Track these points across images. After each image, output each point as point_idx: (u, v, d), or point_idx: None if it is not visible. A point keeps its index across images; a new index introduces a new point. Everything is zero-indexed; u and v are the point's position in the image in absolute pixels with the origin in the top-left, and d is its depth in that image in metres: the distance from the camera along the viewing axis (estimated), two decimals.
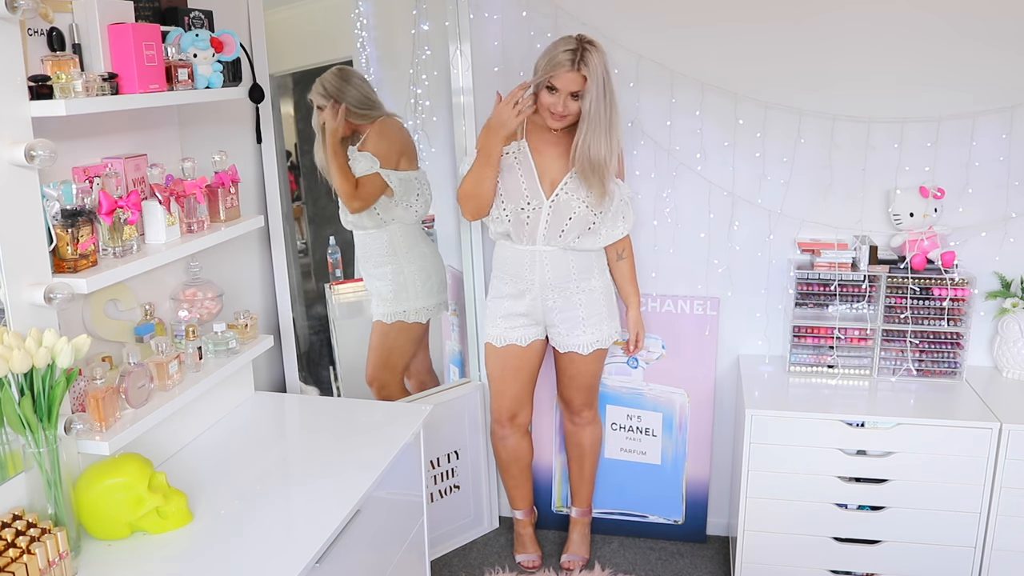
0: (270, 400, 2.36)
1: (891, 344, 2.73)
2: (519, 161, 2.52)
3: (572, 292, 2.59)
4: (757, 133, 2.74)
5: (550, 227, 2.50)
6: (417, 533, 2.23)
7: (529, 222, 2.50)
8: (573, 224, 2.49)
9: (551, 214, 2.49)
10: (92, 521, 1.62)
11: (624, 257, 2.69)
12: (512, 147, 2.53)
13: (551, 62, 2.35)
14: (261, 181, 2.55)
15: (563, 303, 2.60)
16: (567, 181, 2.49)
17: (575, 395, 2.81)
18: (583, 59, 2.32)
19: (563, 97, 2.37)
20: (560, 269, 2.56)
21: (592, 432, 2.91)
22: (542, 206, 2.49)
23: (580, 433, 2.90)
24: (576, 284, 2.58)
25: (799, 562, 2.62)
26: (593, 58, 2.33)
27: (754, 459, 2.55)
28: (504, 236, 2.59)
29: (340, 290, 2.94)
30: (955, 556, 2.52)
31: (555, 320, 2.64)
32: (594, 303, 2.63)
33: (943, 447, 2.46)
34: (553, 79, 2.35)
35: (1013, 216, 2.68)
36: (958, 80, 2.62)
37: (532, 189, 2.49)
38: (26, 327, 1.52)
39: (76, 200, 1.60)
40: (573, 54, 2.32)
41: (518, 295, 2.61)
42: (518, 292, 2.61)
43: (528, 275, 2.57)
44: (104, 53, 1.69)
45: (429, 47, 2.84)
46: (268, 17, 2.44)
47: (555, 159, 2.51)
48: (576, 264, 2.57)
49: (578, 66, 2.32)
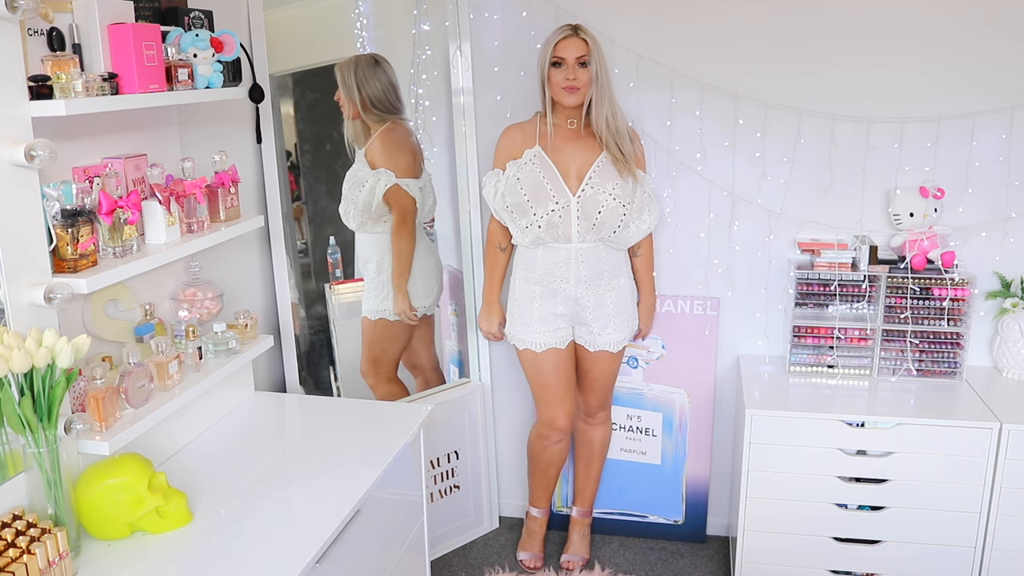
0: (270, 400, 2.36)
1: (891, 344, 2.73)
2: (538, 165, 2.53)
3: (604, 289, 2.62)
4: (757, 133, 2.74)
5: (582, 223, 2.52)
6: (417, 533, 2.23)
7: (561, 222, 2.51)
8: (604, 217, 2.51)
9: (581, 210, 2.51)
10: (92, 521, 1.62)
11: (639, 254, 2.73)
12: (527, 154, 2.55)
13: (551, 40, 2.45)
14: (261, 181, 2.55)
15: (595, 300, 2.62)
16: (592, 175, 2.51)
17: (595, 395, 2.82)
18: (580, 28, 2.46)
19: (571, 66, 2.42)
20: (594, 265, 2.58)
21: (604, 431, 2.92)
22: (570, 204, 2.50)
23: (592, 432, 2.91)
24: (608, 281, 2.62)
25: (799, 562, 2.62)
26: (588, 31, 2.46)
27: (754, 459, 2.55)
28: (536, 244, 2.59)
29: (340, 290, 2.94)
30: (955, 556, 2.51)
31: (588, 318, 2.64)
32: (623, 300, 2.67)
33: (943, 447, 2.46)
34: (558, 50, 2.43)
35: (1013, 216, 2.68)
36: (958, 80, 2.62)
37: (557, 188, 2.51)
38: (26, 327, 1.52)
39: (76, 200, 1.60)
40: (571, 27, 2.46)
41: (551, 295, 2.61)
42: (551, 292, 2.61)
43: (563, 273, 2.58)
44: (104, 53, 1.69)
45: (429, 47, 2.84)
46: (268, 17, 2.44)
47: (575, 154, 2.53)
48: (608, 260, 2.61)
49: (577, 32, 2.45)
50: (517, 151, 2.57)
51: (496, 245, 2.72)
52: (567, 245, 2.55)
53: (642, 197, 2.57)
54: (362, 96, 2.69)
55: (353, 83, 2.68)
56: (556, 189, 2.51)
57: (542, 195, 2.51)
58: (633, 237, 2.60)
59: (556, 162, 2.52)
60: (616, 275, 2.64)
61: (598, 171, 2.51)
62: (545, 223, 2.51)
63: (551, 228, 2.52)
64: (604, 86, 2.46)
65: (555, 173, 2.52)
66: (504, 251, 2.72)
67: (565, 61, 2.43)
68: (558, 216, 2.51)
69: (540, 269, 2.61)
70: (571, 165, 2.53)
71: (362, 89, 2.68)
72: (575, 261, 2.57)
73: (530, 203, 2.52)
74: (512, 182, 2.54)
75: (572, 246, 2.55)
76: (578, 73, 2.43)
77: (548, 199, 2.51)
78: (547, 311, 2.64)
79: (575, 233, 2.53)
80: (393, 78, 2.75)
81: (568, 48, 2.43)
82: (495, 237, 2.71)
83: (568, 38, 2.43)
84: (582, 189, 2.51)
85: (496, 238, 2.71)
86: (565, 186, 2.51)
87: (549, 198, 2.50)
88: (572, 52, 2.43)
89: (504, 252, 2.72)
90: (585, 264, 2.58)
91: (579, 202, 2.51)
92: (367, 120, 2.73)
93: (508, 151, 2.59)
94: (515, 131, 2.60)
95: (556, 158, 2.53)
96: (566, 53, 2.43)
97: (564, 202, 2.51)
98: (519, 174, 2.53)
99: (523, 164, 2.53)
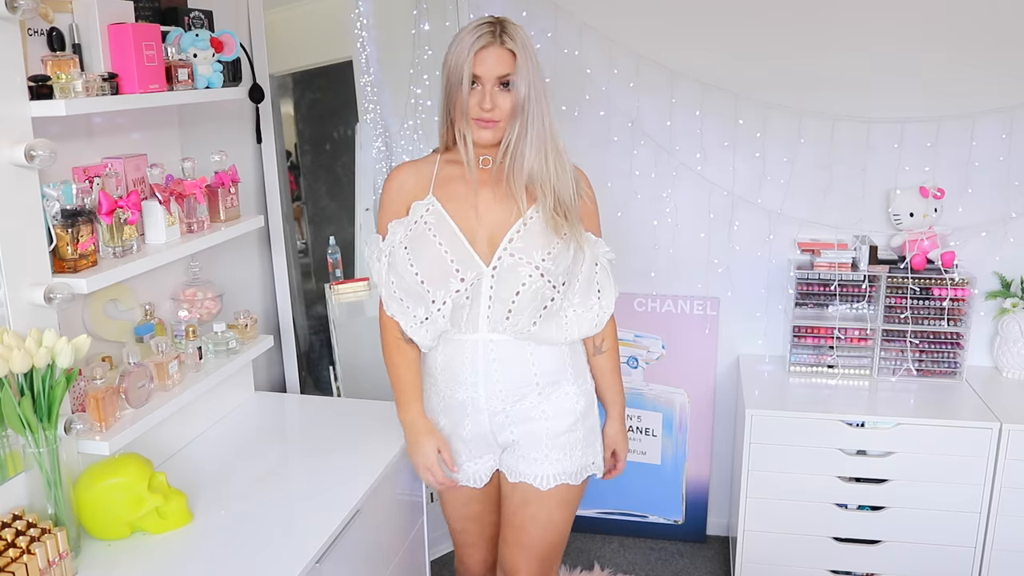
0: (270, 400, 2.36)
1: (891, 344, 2.73)
2: (433, 227, 1.73)
3: (533, 402, 1.82)
4: (757, 133, 2.74)
5: (495, 304, 1.73)
6: (417, 533, 2.23)
7: (468, 304, 1.74)
8: (524, 298, 1.72)
9: (495, 286, 1.72)
10: (92, 521, 1.62)
11: (604, 350, 1.91)
12: (416, 209, 1.76)
13: (465, 47, 1.66)
14: (261, 181, 2.55)
15: (519, 415, 1.82)
16: (513, 237, 1.72)
17: (520, 560, 1.91)
18: (505, 31, 1.67)
19: (489, 87, 1.66)
20: (515, 368, 1.78)
21: None
22: (482, 276, 1.72)
23: None
24: (539, 391, 1.81)
25: (799, 562, 2.62)
26: (518, 32, 1.69)
27: (754, 459, 2.55)
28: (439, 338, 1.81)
29: (340, 290, 2.93)
30: (955, 556, 2.52)
31: (509, 436, 1.85)
32: (568, 413, 1.84)
33: (943, 447, 2.46)
34: (475, 65, 1.66)
35: (1013, 216, 2.68)
36: (958, 80, 2.62)
37: (463, 258, 1.72)
38: (26, 327, 1.52)
39: (76, 200, 1.60)
40: (492, 26, 1.67)
41: (456, 409, 1.85)
42: (458, 403, 1.83)
43: (470, 378, 1.79)
44: (104, 53, 1.69)
45: (429, 47, 2.84)
46: (268, 17, 2.44)
47: (490, 207, 1.74)
48: (539, 362, 1.80)
49: (501, 38, 1.66)
50: (405, 204, 1.78)
51: (396, 336, 1.84)
52: (473, 336, 1.77)
53: (591, 272, 1.81)
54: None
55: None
56: (461, 259, 1.72)
57: (441, 272, 1.72)
58: (570, 331, 1.80)
59: (459, 218, 1.74)
60: (555, 383, 1.82)
61: (524, 232, 1.72)
62: (450, 310, 1.74)
63: (456, 312, 1.75)
64: (536, 116, 1.68)
65: (458, 237, 1.72)
66: (410, 342, 1.84)
67: (481, 80, 1.67)
68: (464, 296, 1.72)
69: (439, 372, 1.84)
70: (482, 223, 1.74)
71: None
72: (484, 360, 1.78)
73: (426, 285, 1.73)
74: (399, 254, 1.75)
75: (479, 337, 1.76)
76: (497, 100, 1.66)
77: (449, 275, 1.71)
78: (452, 431, 1.88)
79: (484, 318, 1.74)
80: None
81: (486, 61, 1.65)
82: (390, 325, 1.84)
83: (488, 47, 1.65)
84: (498, 257, 1.72)
85: (392, 326, 1.84)
86: (474, 253, 1.72)
87: (451, 274, 1.71)
88: (492, 68, 1.66)
89: (411, 343, 1.84)
90: (500, 366, 1.78)
91: (495, 274, 1.72)
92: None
93: (393, 205, 1.80)
94: (406, 173, 1.81)
95: (459, 212, 1.74)
96: (483, 69, 1.66)
97: (474, 275, 1.72)
98: (407, 241, 1.75)
99: (412, 224, 1.75)
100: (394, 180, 1.80)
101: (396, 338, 1.84)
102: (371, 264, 1.82)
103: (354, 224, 2.90)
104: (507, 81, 1.67)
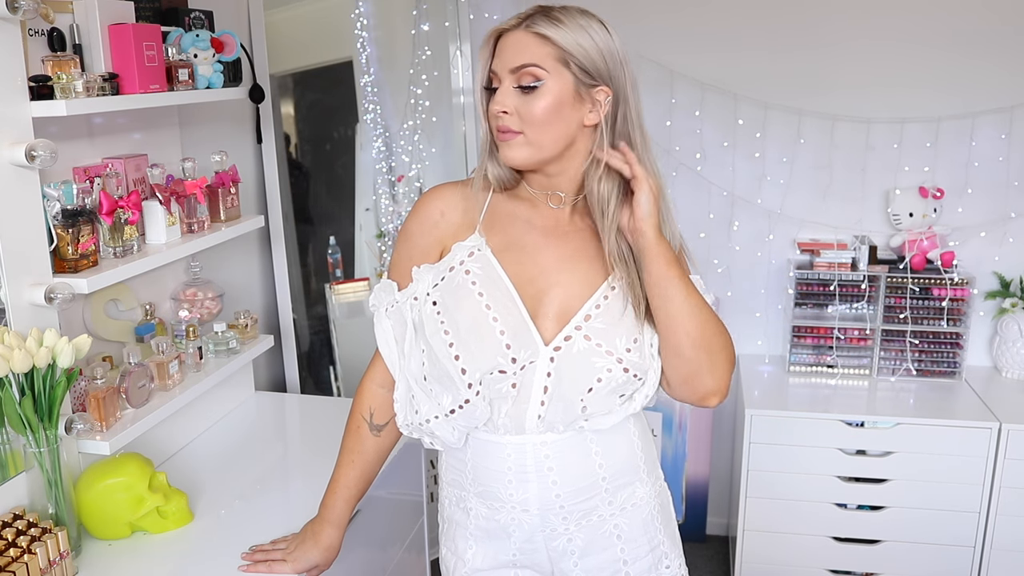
0: (270, 400, 2.36)
1: (891, 344, 2.73)
2: (479, 279, 1.25)
3: (603, 515, 1.34)
4: (757, 133, 2.75)
5: (551, 400, 1.25)
6: (417, 533, 2.23)
7: (517, 393, 1.24)
8: (596, 396, 1.25)
9: (554, 373, 1.24)
10: (93, 521, 1.62)
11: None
12: (458, 252, 1.27)
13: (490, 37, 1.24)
14: (261, 181, 2.55)
15: (585, 538, 1.35)
16: (591, 312, 1.24)
17: None
18: (547, 15, 1.21)
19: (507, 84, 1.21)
20: (575, 472, 1.31)
21: None
22: (537, 360, 1.23)
23: None
24: (609, 497, 1.34)
25: (799, 562, 2.62)
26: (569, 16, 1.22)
27: (754, 459, 2.55)
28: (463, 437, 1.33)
29: (340, 290, 2.94)
30: (955, 556, 2.52)
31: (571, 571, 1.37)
32: (641, 526, 1.38)
33: (943, 447, 2.46)
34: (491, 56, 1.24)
35: (1013, 216, 2.68)
36: (958, 80, 2.62)
37: (517, 329, 1.23)
38: (27, 327, 1.52)
39: (77, 200, 1.60)
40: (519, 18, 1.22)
41: (498, 531, 1.36)
42: (498, 527, 1.35)
43: (515, 492, 1.31)
44: (104, 53, 1.69)
45: (429, 47, 2.84)
46: (268, 17, 2.44)
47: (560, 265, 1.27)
48: (604, 456, 1.32)
49: (529, 21, 1.21)
50: (442, 242, 1.30)
51: (364, 417, 1.41)
52: (518, 439, 1.28)
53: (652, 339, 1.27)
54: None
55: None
56: (513, 329, 1.23)
57: (485, 341, 1.22)
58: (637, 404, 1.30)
59: (516, 272, 1.26)
60: (628, 482, 1.36)
61: (605, 307, 1.25)
62: (487, 392, 1.24)
63: (496, 402, 1.26)
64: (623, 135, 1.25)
65: (512, 296, 1.24)
66: (380, 432, 1.41)
67: (497, 76, 1.22)
68: (510, 384, 1.23)
69: (475, 481, 1.34)
70: (549, 286, 1.26)
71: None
72: (535, 469, 1.30)
73: (461, 361, 1.22)
74: (427, 311, 1.26)
75: (526, 440, 1.28)
76: (510, 100, 1.20)
77: (497, 351, 1.22)
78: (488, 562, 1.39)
79: (531, 417, 1.26)
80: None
81: (503, 51, 1.21)
82: (367, 400, 1.41)
83: (510, 32, 1.21)
84: (565, 336, 1.24)
85: (368, 403, 1.41)
86: (531, 324, 1.24)
87: (498, 348, 1.22)
88: (508, 59, 1.20)
89: (380, 435, 1.41)
90: (558, 473, 1.30)
91: (554, 361, 1.23)
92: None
93: (424, 240, 1.31)
94: (454, 196, 1.31)
95: (515, 263, 1.26)
96: (498, 61, 1.22)
97: (527, 355, 1.23)
98: (436, 294, 1.26)
99: (446, 271, 1.27)
100: (432, 204, 1.30)
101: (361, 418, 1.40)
102: (377, 321, 1.34)
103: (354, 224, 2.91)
104: (526, 83, 1.19)
